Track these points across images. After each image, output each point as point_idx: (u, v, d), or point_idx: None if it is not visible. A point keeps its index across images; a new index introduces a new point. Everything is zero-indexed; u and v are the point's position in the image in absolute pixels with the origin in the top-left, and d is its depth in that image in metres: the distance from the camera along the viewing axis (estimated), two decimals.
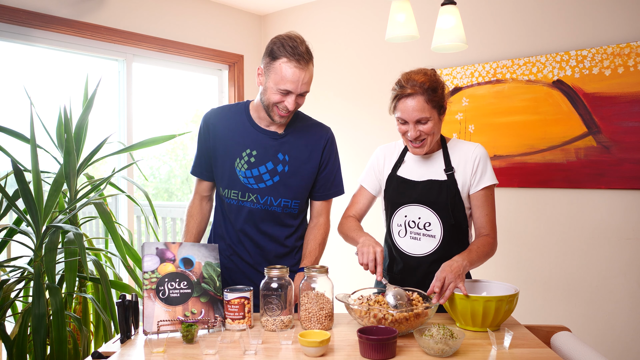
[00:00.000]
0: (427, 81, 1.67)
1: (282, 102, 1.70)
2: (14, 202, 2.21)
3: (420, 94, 1.66)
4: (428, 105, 1.67)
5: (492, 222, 1.77)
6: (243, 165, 1.78)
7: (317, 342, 1.32)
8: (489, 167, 1.76)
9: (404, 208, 1.79)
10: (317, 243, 1.86)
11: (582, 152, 2.63)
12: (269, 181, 1.78)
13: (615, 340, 2.58)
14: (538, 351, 1.35)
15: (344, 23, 3.63)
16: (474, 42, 2.98)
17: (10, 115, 2.86)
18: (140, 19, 3.30)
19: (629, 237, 2.54)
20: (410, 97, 1.67)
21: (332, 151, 1.89)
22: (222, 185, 1.83)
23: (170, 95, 3.72)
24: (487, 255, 1.71)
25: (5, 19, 2.69)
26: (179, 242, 1.71)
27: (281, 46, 1.65)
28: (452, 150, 1.79)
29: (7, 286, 2.21)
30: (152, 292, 1.52)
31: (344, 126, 3.67)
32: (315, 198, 1.90)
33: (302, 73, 1.66)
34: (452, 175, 1.74)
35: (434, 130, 1.71)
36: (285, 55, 1.64)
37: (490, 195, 1.76)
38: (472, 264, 1.62)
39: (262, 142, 1.79)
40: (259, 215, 1.80)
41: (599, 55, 2.57)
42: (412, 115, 1.68)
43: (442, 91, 1.71)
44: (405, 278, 1.80)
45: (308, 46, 1.69)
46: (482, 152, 1.77)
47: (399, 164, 1.86)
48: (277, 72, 1.66)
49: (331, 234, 2.01)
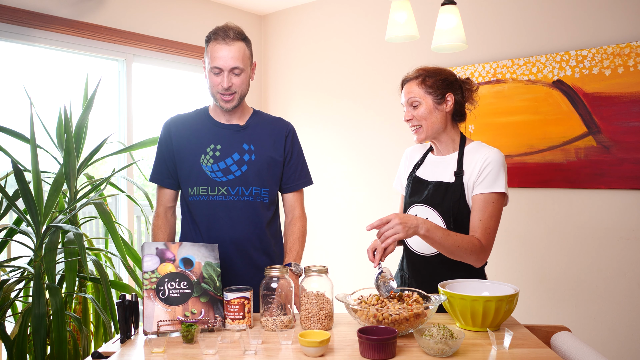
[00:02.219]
0: (427, 69, 1.77)
1: (219, 85, 1.76)
2: (14, 202, 2.21)
3: (414, 78, 1.77)
4: (419, 88, 1.74)
5: (485, 230, 1.64)
6: (209, 160, 1.80)
7: (317, 342, 1.32)
8: (494, 173, 1.65)
9: (415, 207, 1.79)
10: (295, 237, 1.88)
11: (582, 152, 2.63)
12: (237, 172, 1.80)
13: (615, 340, 2.58)
14: (538, 351, 1.35)
15: (344, 23, 3.63)
16: (474, 42, 2.98)
17: (10, 115, 2.86)
18: (140, 19, 3.30)
19: (629, 237, 2.54)
20: (408, 82, 1.78)
21: (295, 142, 1.94)
22: (189, 184, 1.82)
23: (170, 95, 3.72)
24: (462, 249, 1.59)
25: (5, 19, 2.69)
26: (179, 242, 1.71)
27: (212, 32, 1.78)
28: (468, 153, 1.75)
29: (7, 286, 2.21)
30: (152, 292, 1.52)
31: (344, 126, 3.67)
32: (286, 190, 1.93)
33: (227, 49, 1.74)
34: (460, 178, 1.71)
35: (426, 116, 1.73)
36: (214, 37, 1.76)
37: (491, 202, 1.65)
38: (429, 233, 1.53)
39: (226, 136, 1.83)
40: (232, 207, 1.80)
41: (599, 55, 2.57)
42: (406, 97, 1.77)
43: (442, 80, 1.74)
44: (413, 275, 1.81)
45: (239, 30, 1.79)
46: (494, 156, 1.67)
47: (420, 164, 1.89)
48: (208, 53, 1.77)
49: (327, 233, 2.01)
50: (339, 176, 3.70)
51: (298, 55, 3.91)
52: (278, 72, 3.99)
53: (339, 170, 3.70)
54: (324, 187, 3.75)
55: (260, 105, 4.10)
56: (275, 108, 4.03)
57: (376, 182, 3.48)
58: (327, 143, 3.75)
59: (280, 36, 4.00)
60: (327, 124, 3.76)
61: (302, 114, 3.88)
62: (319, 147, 3.77)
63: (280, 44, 3.99)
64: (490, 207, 1.66)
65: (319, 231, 3.75)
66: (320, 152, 3.77)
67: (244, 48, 1.79)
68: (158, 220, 1.90)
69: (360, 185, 3.58)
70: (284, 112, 3.95)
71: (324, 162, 3.76)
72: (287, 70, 3.97)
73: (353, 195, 3.63)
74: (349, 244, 3.61)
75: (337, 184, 3.71)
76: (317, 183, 3.72)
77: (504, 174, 1.67)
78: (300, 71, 3.90)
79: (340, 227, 3.67)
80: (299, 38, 3.90)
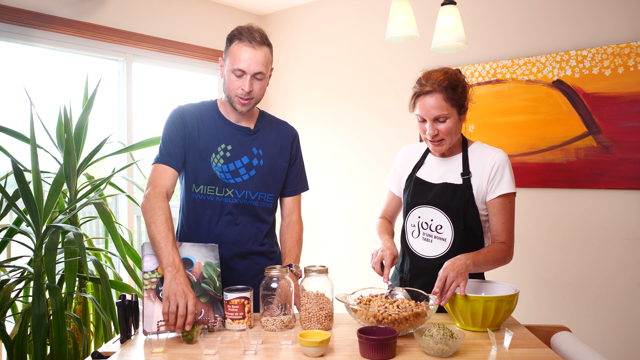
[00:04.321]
0: (446, 79, 1.67)
1: (239, 88, 1.72)
2: (14, 202, 2.21)
3: (438, 91, 1.66)
4: (446, 103, 1.66)
5: (508, 230, 1.72)
6: (219, 160, 1.77)
7: (317, 342, 1.32)
8: (506, 175, 1.70)
9: (418, 209, 1.78)
10: (294, 240, 1.88)
11: (582, 152, 2.63)
12: (245, 175, 1.79)
13: (615, 340, 2.58)
14: (538, 351, 1.35)
15: (344, 23, 3.63)
16: (474, 42, 2.98)
17: (10, 115, 2.86)
18: (140, 19, 3.30)
19: (629, 237, 2.54)
20: (428, 95, 1.67)
21: (298, 148, 1.95)
22: (195, 181, 1.77)
23: (170, 95, 3.72)
24: (498, 261, 1.66)
25: (5, 19, 2.69)
26: (179, 242, 1.71)
27: (236, 32, 1.73)
28: (472, 154, 1.76)
29: (7, 286, 2.21)
30: (152, 292, 1.52)
31: (343, 126, 3.67)
32: (286, 194, 1.93)
33: (254, 52, 1.70)
34: (468, 180, 1.72)
35: (452, 130, 1.70)
36: (239, 38, 1.71)
37: (508, 203, 1.71)
38: (477, 265, 1.59)
39: (237, 137, 1.80)
40: (237, 210, 1.79)
41: (599, 55, 2.57)
42: (430, 112, 1.67)
43: (462, 90, 1.70)
44: (415, 278, 1.80)
45: (264, 34, 1.76)
46: (501, 158, 1.72)
47: (420, 165, 1.86)
48: (231, 54, 1.72)
49: (327, 233, 2.01)
50: (339, 176, 3.70)
51: (298, 55, 3.91)
52: (278, 72, 3.99)
53: (338, 170, 3.70)
54: (324, 187, 3.75)
55: (260, 105, 4.09)
56: (275, 108, 4.02)
57: (376, 182, 3.48)
58: (327, 142, 3.75)
59: (280, 36, 4.00)
60: (327, 124, 3.76)
61: (302, 114, 3.88)
62: (318, 147, 3.77)
63: (280, 44, 3.99)
64: (507, 208, 1.72)
65: (319, 231, 3.75)
66: (320, 152, 3.77)
67: (268, 53, 1.75)
68: (157, 201, 1.63)
69: (360, 185, 3.58)
70: (284, 112, 3.95)
71: (323, 161, 3.76)
72: (287, 70, 3.98)
73: (353, 195, 3.63)
74: (349, 244, 3.61)
75: (337, 184, 3.71)
76: (317, 183, 3.72)
77: (511, 173, 1.73)
78: (300, 71, 3.90)
79: (340, 227, 3.67)
80: (299, 38, 3.90)
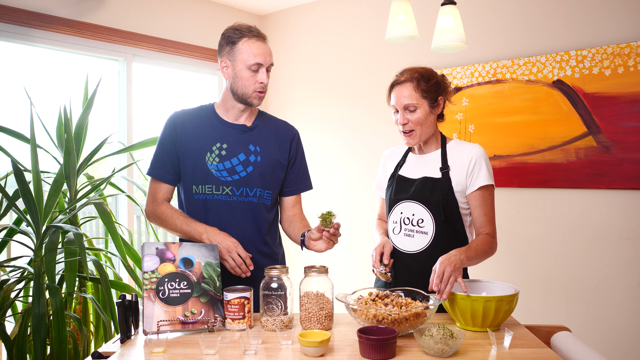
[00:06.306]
0: (419, 72, 1.76)
1: (257, 82, 1.75)
2: (14, 202, 2.21)
3: (409, 81, 1.75)
4: (416, 93, 1.74)
5: (491, 221, 1.77)
6: (214, 159, 1.78)
7: (317, 342, 1.32)
8: (484, 168, 1.75)
9: (400, 205, 1.82)
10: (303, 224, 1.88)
11: (582, 152, 2.63)
12: (243, 172, 1.79)
13: (615, 340, 2.58)
14: (538, 351, 1.35)
15: (344, 23, 3.63)
16: (474, 42, 2.98)
17: (10, 115, 2.86)
18: (140, 19, 3.30)
19: (629, 237, 2.54)
20: (401, 85, 1.77)
21: (299, 147, 1.95)
22: (194, 182, 1.80)
23: (170, 95, 3.72)
24: (487, 253, 1.71)
25: (5, 19, 2.69)
26: (179, 242, 1.71)
27: (236, 31, 1.74)
28: (451, 150, 1.82)
29: (7, 286, 2.21)
30: (152, 292, 1.52)
31: (343, 126, 3.67)
32: (287, 194, 1.93)
33: (265, 46, 1.75)
34: (447, 174, 1.77)
35: (422, 121, 1.75)
36: (245, 35, 1.73)
37: (487, 195, 1.77)
38: (470, 259, 1.62)
39: (232, 135, 1.81)
40: (235, 207, 1.79)
41: (599, 55, 2.57)
42: (401, 101, 1.75)
43: (435, 84, 1.75)
44: (400, 275, 1.81)
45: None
46: (478, 152, 1.77)
47: (401, 164, 1.92)
48: (243, 51, 1.72)
49: None
50: (338, 176, 3.70)
51: (298, 55, 3.91)
52: (278, 72, 3.99)
53: (338, 170, 3.70)
54: (323, 187, 3.75)
55: (260, 104, 4.09)
56: (275, 108, 4.03)
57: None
58: (327, 142, 3.75)
59: (280, 36, 4.00)
60: (327, 124, 3.76)
61: (301, 114, 3.88)
62: (318, 147, 3.77)
63: (280, 43, 3.99)
64: (488, 200, 1.77)
65: None
66: (320, 152, 3.77)
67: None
68: (163, 206, 1.80)
69: (360, 185, 3.58)
70: (284, 111, 3.95)
71: (323, 161, 3.76)
72: (287, 70, 3.98)
73: (353, 195, 3.63)
74: (349, 244, 3.60)
75: (337, 184, 3.71)
76: (317, 183, 3.71)
77: (489, 166, 1.78)
78: (300, 71, 3.90)
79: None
80: (299, 38, 3.90)
